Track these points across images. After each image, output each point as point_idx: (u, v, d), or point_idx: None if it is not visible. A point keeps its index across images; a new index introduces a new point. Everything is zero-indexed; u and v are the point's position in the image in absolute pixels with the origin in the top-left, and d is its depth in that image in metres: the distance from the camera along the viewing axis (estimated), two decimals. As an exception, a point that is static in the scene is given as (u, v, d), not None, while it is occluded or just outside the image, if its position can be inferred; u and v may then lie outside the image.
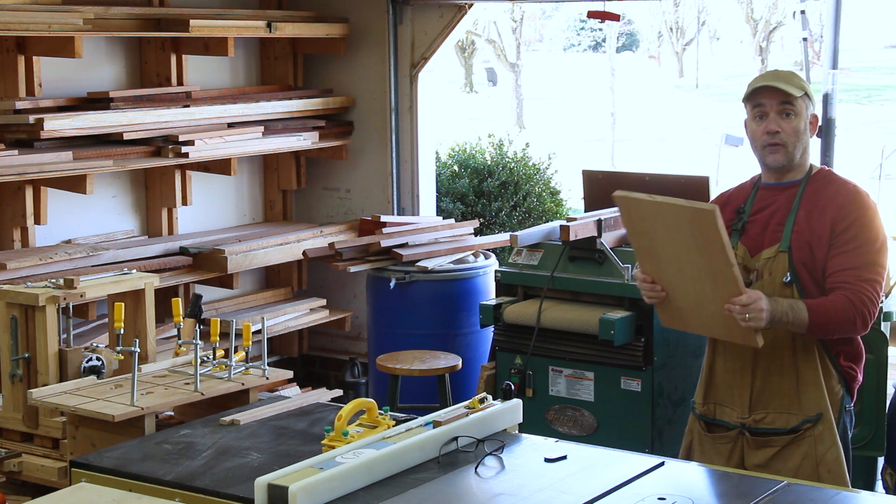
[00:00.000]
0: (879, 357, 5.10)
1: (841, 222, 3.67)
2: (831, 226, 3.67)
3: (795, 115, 3.73)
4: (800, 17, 6.56)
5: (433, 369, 5.82)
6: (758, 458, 3.77)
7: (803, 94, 3.73)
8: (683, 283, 3.63)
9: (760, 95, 3.74)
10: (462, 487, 3.17)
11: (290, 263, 7.16)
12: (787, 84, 3.72)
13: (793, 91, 3.70)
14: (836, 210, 3.69)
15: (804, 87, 3.75)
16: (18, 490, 4.17)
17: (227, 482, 3.23)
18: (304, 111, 7.09)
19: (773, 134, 3.72)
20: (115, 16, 6.17)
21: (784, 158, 3.75)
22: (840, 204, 3.70)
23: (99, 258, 5.91)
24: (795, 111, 3.72)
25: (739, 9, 31.46)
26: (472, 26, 21.38)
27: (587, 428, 5.45)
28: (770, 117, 3.73)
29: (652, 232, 3.63)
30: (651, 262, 3.71)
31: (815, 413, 3.72)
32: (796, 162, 3.78)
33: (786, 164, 3.76)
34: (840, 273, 3.63)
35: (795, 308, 3.59)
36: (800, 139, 3.75)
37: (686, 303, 3.67)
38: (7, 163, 5.55)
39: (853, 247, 3.64)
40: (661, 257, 3.65)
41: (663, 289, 3.68)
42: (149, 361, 4.40)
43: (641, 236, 3.71)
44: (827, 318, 3.60)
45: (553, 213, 8.83)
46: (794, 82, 3.74)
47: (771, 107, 3.73)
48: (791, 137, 3.73)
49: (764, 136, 3.74)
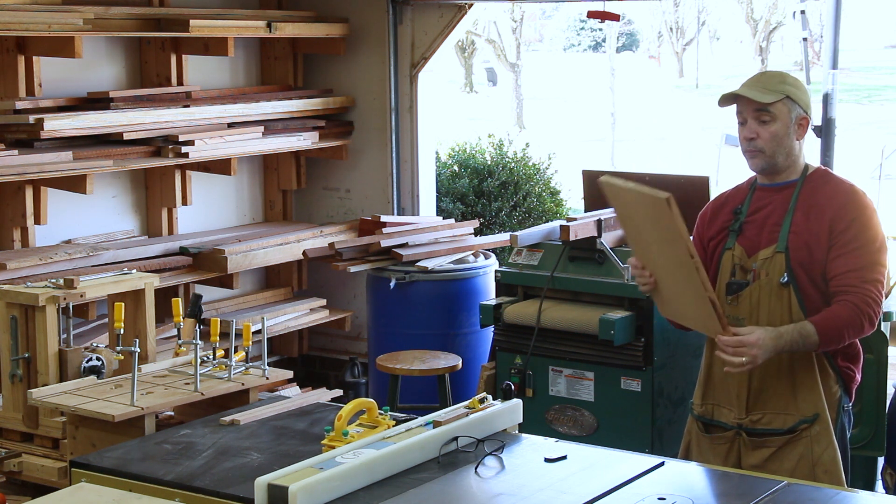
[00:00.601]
0: (879, 357, 5.10)
1: (839, 223, 3.67)
2: (829, 226, 3.67)
3: (773, 120, 3.72)
4: (800, 17, 6.56)
5: (433, 369, 5.82)
6: (754, 458, 3.77)
7: (783, 97, 3.71)
8: (665, 270, 3.66)
9: (738, 102, 3.77)
10: (462, 487, 3.17)
11: (290, 263, 7.16)
12: (760, 91, 3.72)
13: (763, 98, 3.70)
14: (834, 210, 3.69)
15: (784, 90, 3.72)
16: (18, 490, 4.17)
17: (227, 482, 3.23)
18: (304, 111, 7.09)
19: (749, 140, 3.76)
20: (115, 16, 6.17)
21: (763, 163, 3.77)
22: (838, 204, 3.71)
23: (99, 258, 5.91)
24: (773, 116, 3.72)
25: (739, 9, 31.48)
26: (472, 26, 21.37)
27: (587, 428, 5.45)
28: (748, 123, 3.75)
29: (634, 217, 3.68)
30: (639, 248, 3.78)
31: (812, 414, 3.72)
32: (781, 165, 3.78)
33: (766, 167, 3.78)
34: (843, 276, 3.64)
35: (804, 333, 3.61)
36: (780, 144, 3.74)
37: (670, 291, 3.69)
38: (7, 163, 5.55)
39: (853, 247, 3.65)
40: (645, 244, 3.70)
41: (651, 274, 3.70)
42: (149, 361, 4.40)
43: (626, 221, 3.77)
44: (837, 332, 3.63)
45: (553, 213, 8.83)
46: (771, 87, 3.73)
47: (748, 113, 3.75)
48: (768, 143, 3.73)
49: (744, 142, 3.78)
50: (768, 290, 3.69)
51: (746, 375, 3.76)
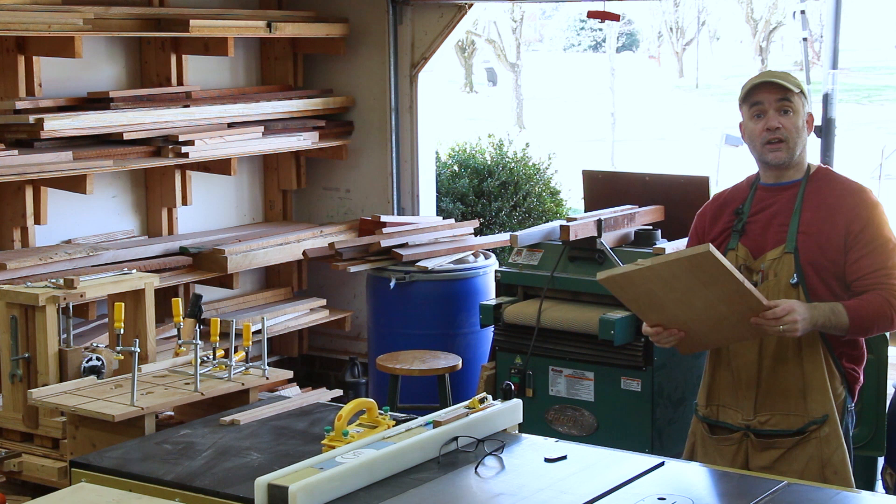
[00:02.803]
0: (879, 357, 5.10)
1: (855, 224, 3.68)
2: (846, 228, 3.68)
3: (794, 112, 3.73)
4: (800, 17, 6.56)
5: (433, 369, 5.82)
6: (763, 460, 3.76)
7: (799, 91, 3.75)
8: (696, 315, 3.60)
9: (758, 93, 3.74)
10: (462, 487, 3.17)
11: (290, 263, 7.16)
12: (783, 80, 3.73)
13: (790, 86, 3.71)
14: (848, 212, 3.70)
15: (799, 84, 3.77)
16: (18, 490, 4.17)
17: (227, 482, 3.23)
18: (304, 111, 7.09)
19: (773, 130, 3.72)
20: (115, 16, 6.17)
21: (786, 155, 3.75)
22: (850, 205, 3.71)
23: (99, 258, 5.91)
24: (793, 108, 3.73)
25: (739, 9, 31.48)
26: (472, 26, 21.38)
27: (587, 428, 5.45)
28: (769, 114, 3.73)
29: (648, 293, 3.59)
30: (655, 313, 3.67)
31: (821, 415, 3.71)
32: (796, 159, 3.78)
33: (787, 160, 3.76)
34: (871, 275, 3.66)
35: (836, 311, 3.62)
36: (800, 135, 3.76)
37: (704, 327, 3.64)
38: (7, 163, 5.55)
39: (873, 248, 3.67)
40: (666, 306, 3.61)
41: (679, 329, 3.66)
42: (149, 361, 4.40)
43: (639, 300, 3.66)
44: (868, 318, 3.64)
45: (553, 213, 8.83)
46: (790, 80, 3.76)
47: (769, 104, 3.73)
48: (792, 133, 3.73)
49: (764, 134, 3.73)
50: (777, 291, 3.68)
51: (754, 377, 3.75)
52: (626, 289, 3.62)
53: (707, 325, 3.63)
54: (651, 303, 3.63)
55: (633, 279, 3.55)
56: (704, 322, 3.62)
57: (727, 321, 3.60)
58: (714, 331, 3.66)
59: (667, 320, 3.65)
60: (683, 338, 3.67)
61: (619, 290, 3.65)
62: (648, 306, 3.65)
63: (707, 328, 3.65)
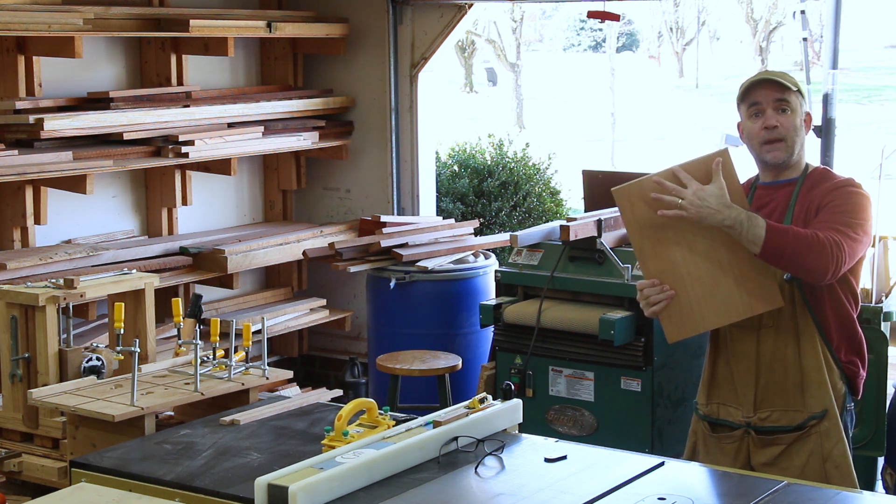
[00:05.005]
0: (879, 357, 5.10)
1: (827, 196, 3.66)
2: (819, 206, 3.66)
3: (791, 111, 3.74)
4: (800, 17, 6.55)
5: (433, 369, 5.82)
6: (764, 456, 3.76)
7: (797, 90, 3.75)
8: (695, 267, 3.62)
9: (755, 92, 3.75)
10: (462, 487, 3.17)
11: (290, 263, 7.16)
12: (781, 79, 3.74)
13: (788, 85, 3.72)
14: (826, 194, 3.68)
15: (797, 83, 3.78)
16: (18, 490, 4.17)
17: (227, 482, 3.23)
18: (304, 111, 7.09)
19: (771, 129, 3.72)
20: (115, 16, 6.17)
21: (784, 154, 3.75)
22: (830, 188, 3.70)
23: (99, 258, 5.91)
24: (791, 107, 3.74)
25: (739, 9, 31.46)
26: (472, 26, 21.37)
27: (587, 428, 5.45)
28: (767, 113, 3.73)
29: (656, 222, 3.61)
30: (655, 259, 3.67)
31: (821, 409, 3.71)
32: (794, 158, 3.78)
33: (786, 159, 3.76)
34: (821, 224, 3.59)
35: (752, 218, 3.53)
36: (798, 134, 3.76)
37: (696, 294, 3.65)
38: (7, 163, 5.55)
39: (836, 209, 3.62)
40: (669, 245, 3.62)
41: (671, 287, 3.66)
42: (149, 361, 4.40)
43: (645, 229, 3.66)
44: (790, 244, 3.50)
45: (553, 213, 8.83)
46: (788, 78, 3.77)
47: (767, 103, 3.73)
48: (790, 132, 3.73)
49: (762, 133, 3.74)
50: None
51: (753, 373, 3.75)
52: (637, 207, 3.64)
53: (703, 285, 3.63)
54: (656, 237, 3.64)
55: (645, 187, 3.60)
56: (701, 280, 3.62)
57: (723, 284, 3.60)
58: (707, 297, 3.65)
59: (663, 271, 3.65)
60: (672, 298, 3.65)
61: (629, 210, 3.65)
62: (652, 242, 3.65)
63: (701, 291, 3.64)
